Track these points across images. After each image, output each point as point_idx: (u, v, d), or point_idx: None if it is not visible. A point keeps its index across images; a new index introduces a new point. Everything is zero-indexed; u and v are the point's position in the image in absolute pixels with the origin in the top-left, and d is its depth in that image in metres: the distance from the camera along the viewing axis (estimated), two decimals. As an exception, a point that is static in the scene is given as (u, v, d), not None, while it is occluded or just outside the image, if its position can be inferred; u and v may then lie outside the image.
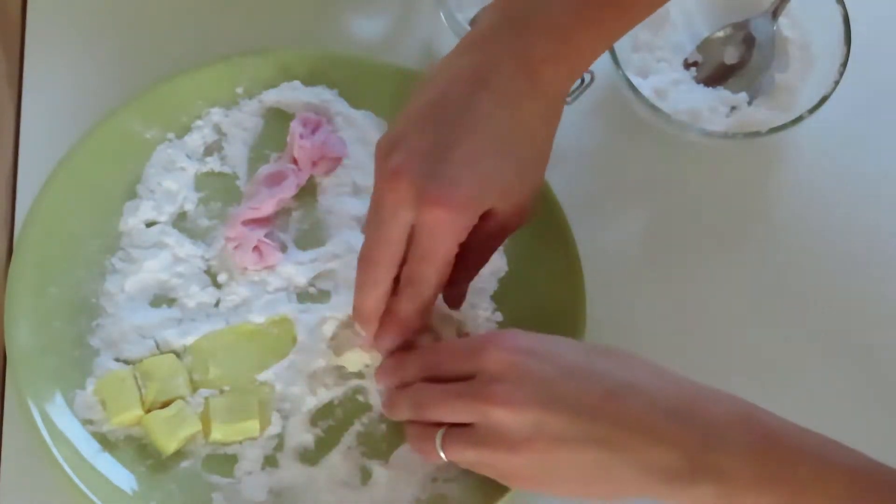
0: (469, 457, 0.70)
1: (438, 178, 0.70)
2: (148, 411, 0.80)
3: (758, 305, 0.87)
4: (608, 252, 0.87)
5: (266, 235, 0.85)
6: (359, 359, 0.82)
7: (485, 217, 0.74)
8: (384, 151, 0.72)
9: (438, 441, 0.71)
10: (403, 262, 0.74)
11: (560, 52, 0.72)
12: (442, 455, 0.72)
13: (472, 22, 0.90)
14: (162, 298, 0.84)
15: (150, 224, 0.86)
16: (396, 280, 0.75)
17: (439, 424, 0.72)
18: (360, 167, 0.88)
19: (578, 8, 0.72)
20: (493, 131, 0.71)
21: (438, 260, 0.73)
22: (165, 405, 0.80)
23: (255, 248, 0.84)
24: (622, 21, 0.74)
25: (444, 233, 0.71)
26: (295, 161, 0.87)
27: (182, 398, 0.81)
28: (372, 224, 0.74)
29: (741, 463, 0.65)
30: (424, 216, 0.71)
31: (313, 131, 0.87)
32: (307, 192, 0.87)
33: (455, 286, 0.77)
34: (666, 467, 0.65)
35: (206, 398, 0.81)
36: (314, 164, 0.87)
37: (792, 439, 0.66)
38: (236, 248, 0.84)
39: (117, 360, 0.82)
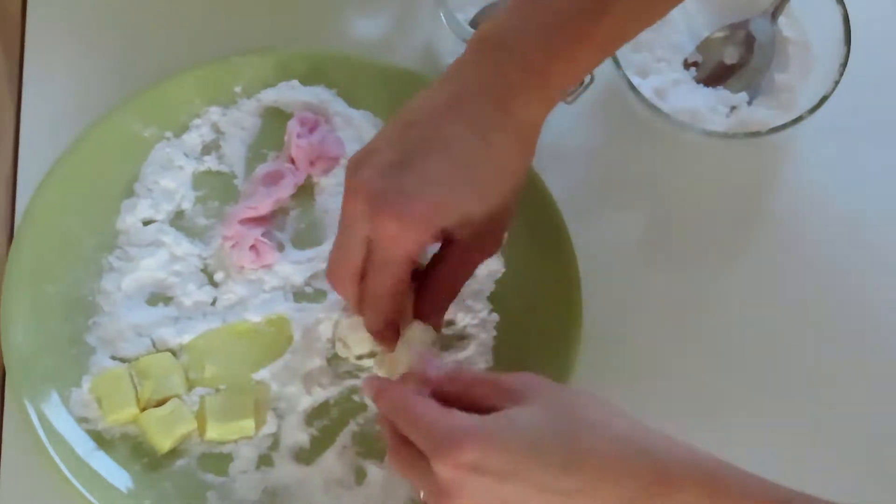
0: None
1: (393, 192, 0.71)
2: (143, 409, 0.80)
3: (757, 305, 0.87)
4: (606, 252, 0.87)
5: (263, 234, 0.85)
6: (364, 342, 0.82)
7: (448, 244, 0.75)
8: (353, 167, 0.73)
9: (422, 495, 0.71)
10: None
11: (533, 85, 0.72)
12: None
13: (473, 23, 0.90)
14: (159, 297, 0.84)
15: (147, 222, 0.86)
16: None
17: None
18: (359, 167, 0.88)
19: (552, 42, 0.73)
20: (458, 156, 0.72)
21: (391, 273, 0.73)
22: (161, 403, 0.80)
23: (252, 247, 0.84)
24: (595, 54, 0.75)
25: (396, 246, 0.72)
26: (292, 160, 0.87)
27: (178, 397, 0.81)
28: (337, 238, 0.75)
29: None
30: (377, 228, 0.72)
31: (311, 131, 0.87)
32: (305, 191, 0.87)
33: (430, 314, 0.77)
34: None
35: (202, 397, 0.81)
36: (312, 163, 0.87)
37: None
38: (233, 246, 0.84)
39: (113, 358, 0.82)
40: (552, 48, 0.72)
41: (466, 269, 0.77)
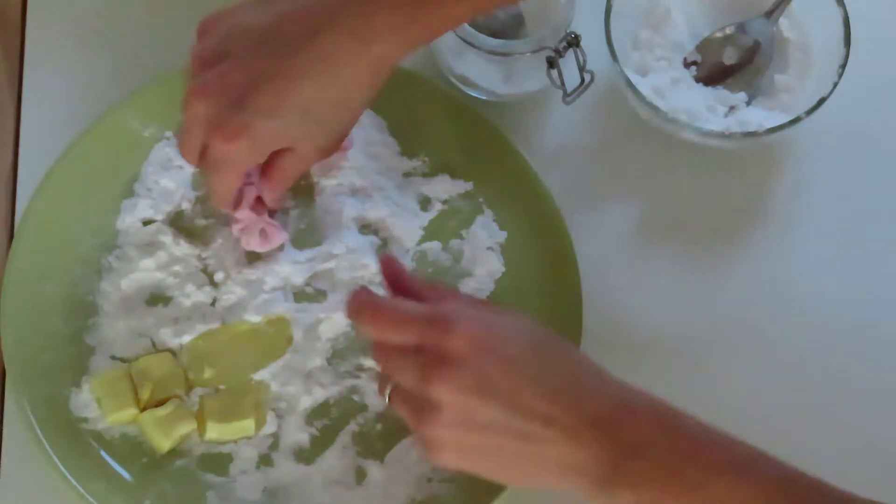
0: (404, 414, 0.71)
1: (232, 119, 0.74)
2: (143, 410, 0.80)
3: (755, 304, 0.87)
4: (605, 250, 0.87)
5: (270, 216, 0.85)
6: None
7: (282, 151, 0.78)
8: (201, 57, 0.76)
9: (387, 391, 0.72)
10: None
11: (402, 23, 0.73)
12: (385, 401, 0.73)
13: (472, 21, 0.89)
14: (158, 297, 0.84)
15: (147, 223, 0.86)
16: None
17: None
18: (359, 168, 0.87)
19: None
20: (303, 88, 0.74)
21: (222, 179, 0.78)
22: (161, 404, 0.80)
23: (261, 231, 0.84)
24: (466, 7, 0.75)
25: (228, 161, 0.77)
26: None
27: (177, 397, 0.81)
28: (183, 120, 0.77)
29: (659, 474, 0.66)
30: (213, 145, 0.75)
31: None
32: (305, 192, 0.87)
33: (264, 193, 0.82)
34: (586, 471, 0.67)
35: (202, 397, 0.81)
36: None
37: (715, 451, 0.68)
38: (242, 230, 0.84)
39: (113, 358, 0.82)
40: None
41: (303, 166, 0.80)
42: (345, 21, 0.73)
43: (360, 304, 0.71)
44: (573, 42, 0.85)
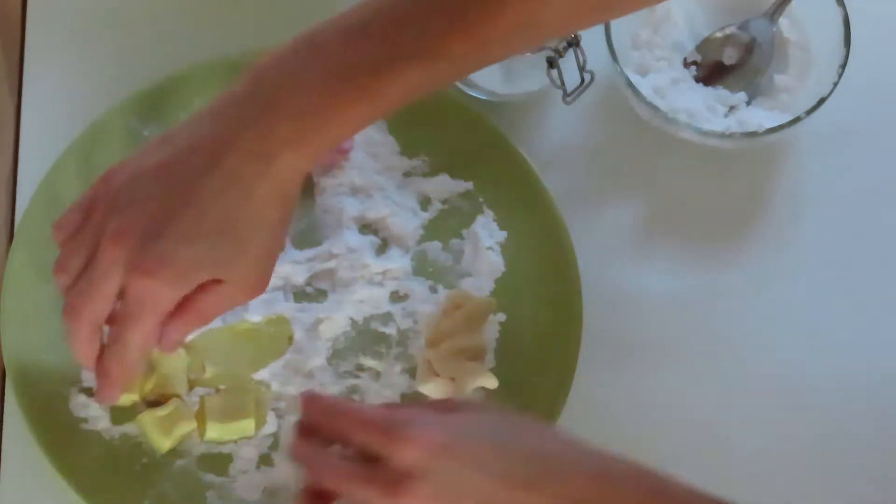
0: None
1: (150, 252, 0.70)
2: (143, 399, 0.80)
3: (754, 304, 0.87)
4: (605, 250, 0.87)
5: None
6: (440, 388, 0.82)
7: (206, 286, 0.73)
8: (108, 187, 0.73)
9: None
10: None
11: (304, 136, 0.71)
12: None
13: None
14: (158, 297, 0.84)
15: (147, 223, 0.86)
16: None
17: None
18: (359, 168, 0.88)
19: (328, 93, 0.70)
20: (217, 211, 0.71)
21: (142, 326, 0.73)
22: (160, 401, 0.80)
23: None
24: (373, 106, 0.71)
25: (151, 301, 0.72)
26: None
27: (178, 396, 0.81)
28: (85, 276, 0.73)
29: None
30: (133, 284, 0.71)
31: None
32: (305, 191, 0.87)
33: (171, 335, 0.75)
34: None
35: (202, 397, 0.81)
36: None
37: None
38: None
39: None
40: (327, 105, 0.70)
41: (226, 302, 0.75)
42: (244, 142, 0.71)
43: (310, 405, 0.69)
44: (573, 42, 0.85)
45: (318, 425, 0.69)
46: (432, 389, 0.81)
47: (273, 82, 0.71)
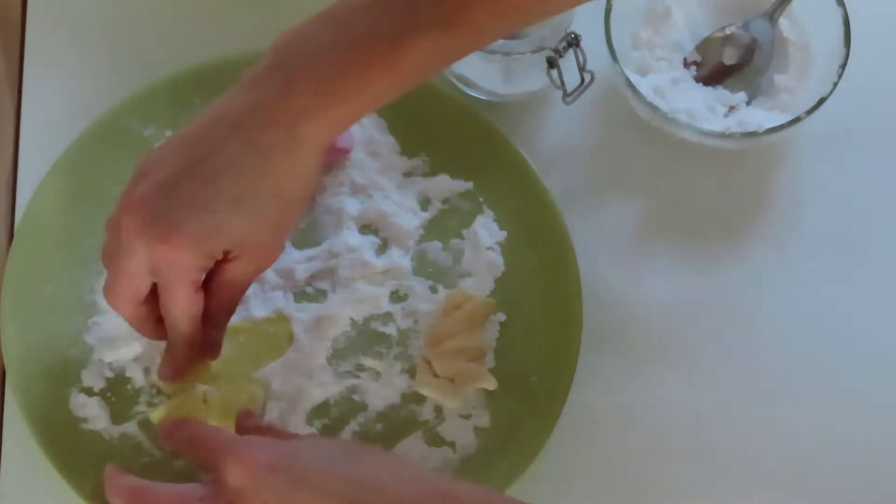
0: None
1: (163, 220, 0.70)
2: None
3: (754, 304, 0.87)
4: (605, 250, 0.87)
5: None
6: (440, 388, 0.82)
7: (223, 263, 0.73)
8: (137, 174, 0.73)
9: None
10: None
11: (324, 106, 0.70)
12: None
13: None
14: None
15: (147, 222, 0.86)
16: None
17: None
18: (359, 167, 0.88)
19: (346, 66, 0.70)
20: (233, 179, 0.71)
21: (175, 297, 0.73)
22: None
23: None
24: (394, 77, 0.71)
25: (174, 270, 0.72)
26: None
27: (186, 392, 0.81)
28: (112, 255, 0.74)
29: None
30: (153, 254, 0.71)
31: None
32: (305, 191, 0.87)
33: (208, 333, 0.77)
34: None
35: (203, 394, 0.81)
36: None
37: None
38: None
39: (113, 357, 0.82)
40: (347, 74, 0.70)
41: (244, 283, 0.76)
42: (263, 111, 0.71)
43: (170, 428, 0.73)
44: (573, 42, 0.85)
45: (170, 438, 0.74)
46: (432, 389, 0.81)
47: (293, 54, 0.71)
